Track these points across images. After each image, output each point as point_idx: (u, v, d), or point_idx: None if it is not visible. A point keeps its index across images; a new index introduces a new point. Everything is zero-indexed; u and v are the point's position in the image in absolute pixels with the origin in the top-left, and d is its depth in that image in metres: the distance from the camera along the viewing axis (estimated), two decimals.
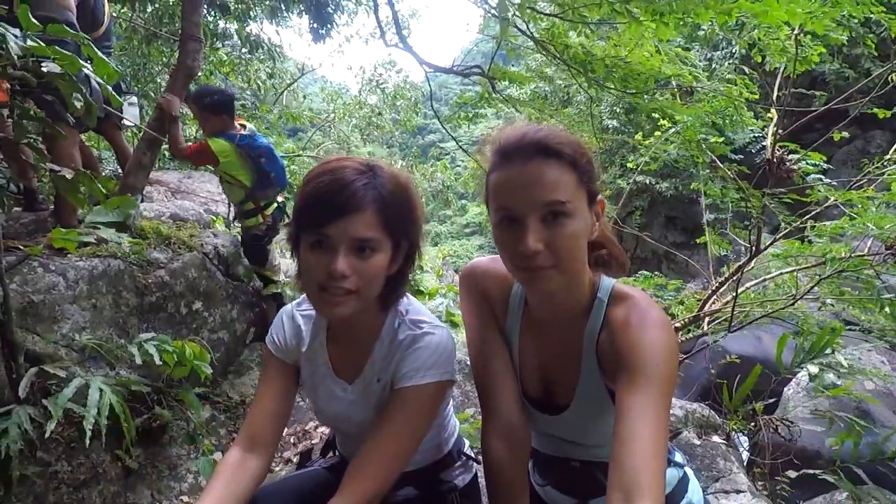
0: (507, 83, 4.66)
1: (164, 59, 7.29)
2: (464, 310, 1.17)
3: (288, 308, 1.23)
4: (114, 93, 1.95)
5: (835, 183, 3.37)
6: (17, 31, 1.60)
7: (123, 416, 1.99)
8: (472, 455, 1.33)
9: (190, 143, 3.25)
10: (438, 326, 1.10)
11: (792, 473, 2.19)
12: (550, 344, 1.08)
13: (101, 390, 1.96)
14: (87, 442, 1.85)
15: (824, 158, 3.15)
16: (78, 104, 1.84)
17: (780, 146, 3.34)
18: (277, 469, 2.69)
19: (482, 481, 1.16)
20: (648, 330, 0.91)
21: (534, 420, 1.14)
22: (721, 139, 4.02)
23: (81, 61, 1.74)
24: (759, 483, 2.45)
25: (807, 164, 3.19)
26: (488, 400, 1.08)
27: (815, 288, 3.55)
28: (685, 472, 1.18)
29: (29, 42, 1.62)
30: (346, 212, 0.94)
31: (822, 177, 3.23)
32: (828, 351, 2.55)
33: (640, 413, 0.81)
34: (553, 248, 0.89)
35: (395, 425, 1.02)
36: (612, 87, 3.72)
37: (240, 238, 3.39)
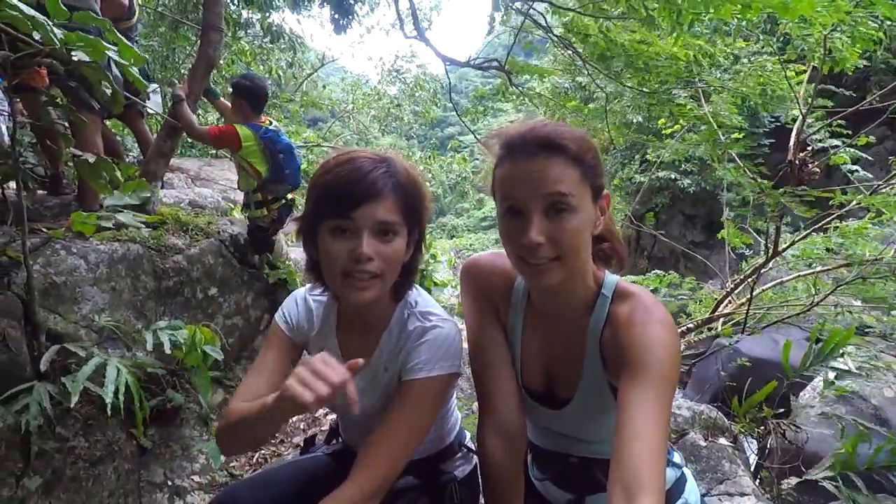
0: (528, 77, 4.60)
1: (188, 46, 7.40)
2: (464, 305, 1.17)
3: (301, 291, 1.25)
4: (140, 77, 1.99)
5: (867, 174, 3.25)
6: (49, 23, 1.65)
7: (137, 395, 2.06)
8: (473, 447, 1.35)
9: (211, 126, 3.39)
10: (446, 320, 1.12)
11: (794, 480, 2.16)
12: (554, 338, 1.08)
13: (118, 369, 2.03)
14: (109, 414, 1.92)
15: (847, 160, 3.05)
16: (107, 91, 1.89)
17: (824, 126, 3.22)
18: (286, 454, 2.75)
19: None
20: (652, 327, 0.91)
21: (534, 413, 1.14)
22: (741, 134, 3.91)
23: (106, 43, 1.77)
24: (766, 487, 2.43)
25: (842, 152, 3.07)
26: (486, 397, 1.09)
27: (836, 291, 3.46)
28: (683, 473, 1.18)
29: (58, 31, 1.66)
30: (369, 197, 0.97)
31: (857, 167, 3.13)
32: (836, 355, 2.49)
33: (641, 409, 0.82)
34: (555, 242, 0.90)
35: (403, 416, 1.04)
36: (630, 79, 3.65)
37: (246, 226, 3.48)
